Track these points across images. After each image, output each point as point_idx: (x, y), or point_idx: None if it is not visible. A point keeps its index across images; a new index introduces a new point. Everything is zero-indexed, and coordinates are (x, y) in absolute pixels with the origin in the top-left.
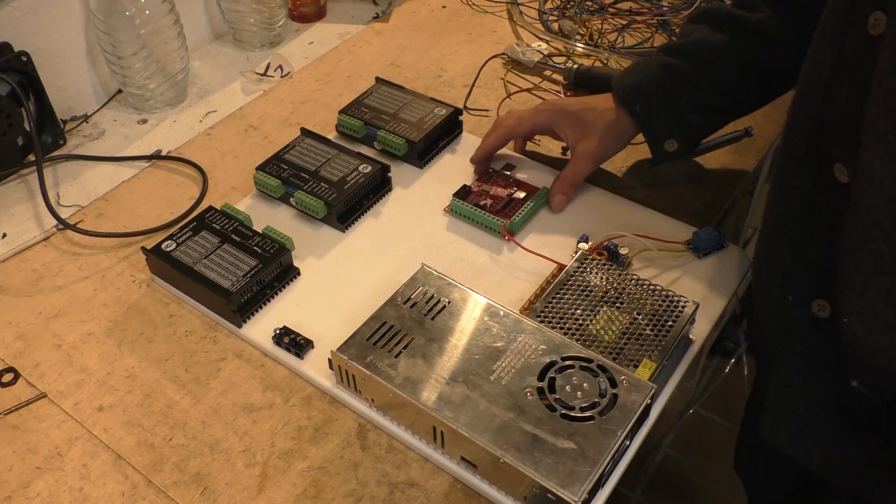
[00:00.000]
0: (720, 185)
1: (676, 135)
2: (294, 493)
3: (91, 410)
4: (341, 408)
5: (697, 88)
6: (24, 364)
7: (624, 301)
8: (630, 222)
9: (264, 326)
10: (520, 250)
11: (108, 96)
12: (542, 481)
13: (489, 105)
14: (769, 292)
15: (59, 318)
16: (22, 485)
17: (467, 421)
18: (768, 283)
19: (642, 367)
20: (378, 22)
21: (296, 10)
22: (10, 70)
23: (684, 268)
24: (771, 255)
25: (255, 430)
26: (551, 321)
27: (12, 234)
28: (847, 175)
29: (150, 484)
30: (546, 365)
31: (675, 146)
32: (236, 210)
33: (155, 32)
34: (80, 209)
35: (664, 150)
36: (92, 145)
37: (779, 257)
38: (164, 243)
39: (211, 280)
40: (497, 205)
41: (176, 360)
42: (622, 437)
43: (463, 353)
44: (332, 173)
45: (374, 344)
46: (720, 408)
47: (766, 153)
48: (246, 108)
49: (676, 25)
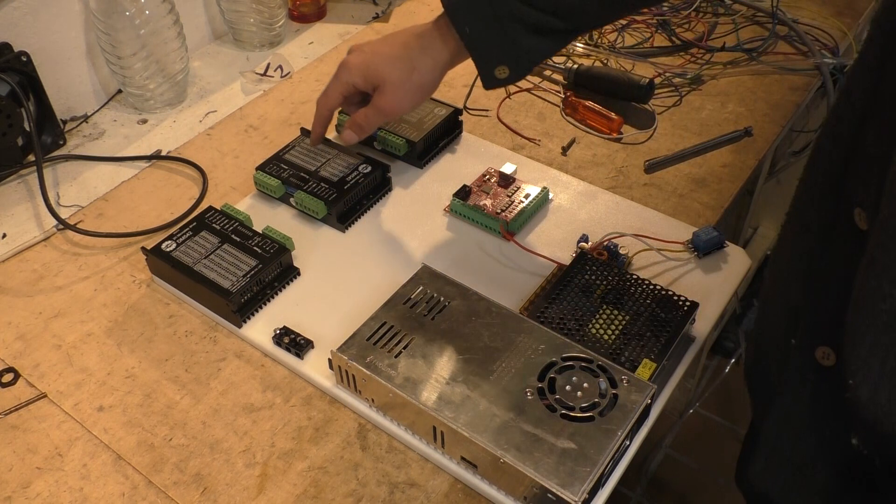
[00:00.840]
0: (720, 185)
1: (507, 60)
2: (294, 494)
3: (91, 411)
4: (341, 408)
5: (534, 8)
6: (24, 364)
7: (624, 301)
8: (630, 222)
9: (264, 326)
10: (520, 250)
11: (108, 96)
12: (543, 481)
13: (489, 105)
14: (773, 330)
15: (59, 318)
16: (22, 485)
17: (467, 421)
18: (773, 321)
19: (642, 367)
20: (378, 22)
21: (296, 10)
22: (10, 70)
23: (684, 268)
24: (779, 292)
25: (256, 431)
26: (551, 321)
27: (12, 235)
28: (867, 223)
29: (150, 484)
30: (546, 365)
31: (507, 73)
32: (236, 210)
33: (155, 32)
34: (80, 209)
35: (494, 76)
36: (92, 145)
37: (787, 295)
38: (164, 243)
39: (211, 280)
40: (497, 205)
41: (176, 361)
42: (622, 437)
43: (463, 353)
44: (332, 173)
45: (374, 344)
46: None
47: (766, 153)
48: (246, 108)
49: (676, 25)
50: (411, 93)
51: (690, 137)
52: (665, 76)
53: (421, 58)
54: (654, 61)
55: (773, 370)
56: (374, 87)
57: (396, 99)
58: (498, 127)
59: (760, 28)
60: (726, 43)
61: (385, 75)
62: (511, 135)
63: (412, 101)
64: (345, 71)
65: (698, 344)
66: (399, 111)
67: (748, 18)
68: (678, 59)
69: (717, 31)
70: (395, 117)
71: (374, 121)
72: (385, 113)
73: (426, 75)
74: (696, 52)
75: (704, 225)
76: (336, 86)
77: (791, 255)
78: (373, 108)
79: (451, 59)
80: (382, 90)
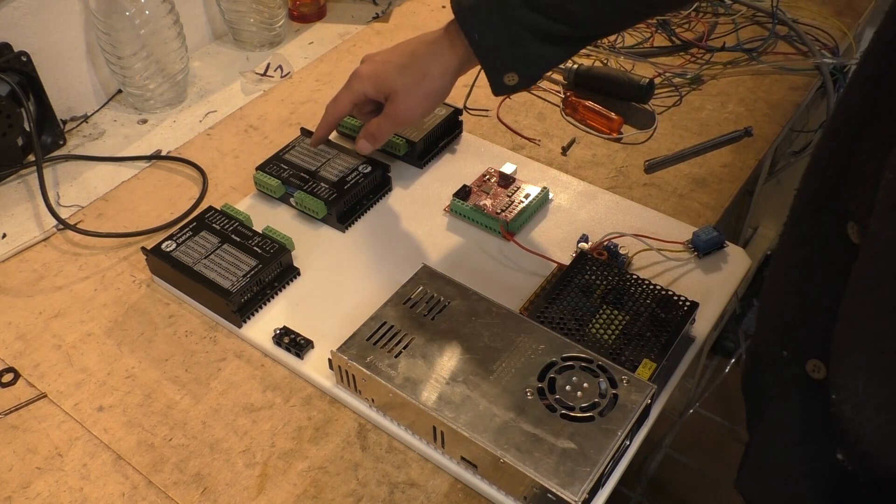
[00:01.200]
0: (720, 185)
1: (517, 67)
2: (294, 494)
3: (91, 411)
4: (341, 408)
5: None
6: (24, 364)
7: (624, 301)
8: (630, 222)
9: (264, 326)
10: (520, 250)
11: (108, 96)
12: (543, 481)
13: (489, 105)
14: (768, 340)
15: (59, 318)
16: (22, 485)
17: (467, 421)
18: (769, 331)
19: (642, 367)
20: (378, 22)
21: (296, 10)
22: (10, 70)
23: (684, 268)
24: (774, 302)
25: (256, 431)
26: (551, 321)
27: (12, 235)
28: (859, 237)
29: (150, 484)
30: (546, 365)
31: (516, 80)
32: (236, 210)
33: (155, 32)
34: (80, 209)
35: (503, 82)
36: (92, 145)
37: (781, 306)
38: (164, 243)
39: (211, 280)
40: (497, 205)
41: (176, 361)
42: (622, 437)
43: (463, 353)
44: (332, 173)
45: (374, 344)
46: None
47: (766, 153)
48: (246, 108)
49: (676, 25)
50: (422, 100)
51: (690, 137)
52: (665, 76)
53: (431, 65)
54: (654, 61)
55: (765, 380)
56: (386, 97)
57: (408, 107)
58: (498, 127)
59: (760, 28)
60: (726, 43)
61: (395, 84)
62: (511, 135)
63: (423, 108)
64: (356, 80)
65: (698, 344)
66: (411, 119)
67: (748, 18)
68: (678, 59)
69: (717, 31)
70: (407, 125)
71: (386, 130)
72: (397, 121)
73: (436, 82)
74: (696, 52)
75: (704, 225)
76: (347, 94)
77: (787, 266)
78: (385, 118)
79: (461, 66)
80: (394, 99)
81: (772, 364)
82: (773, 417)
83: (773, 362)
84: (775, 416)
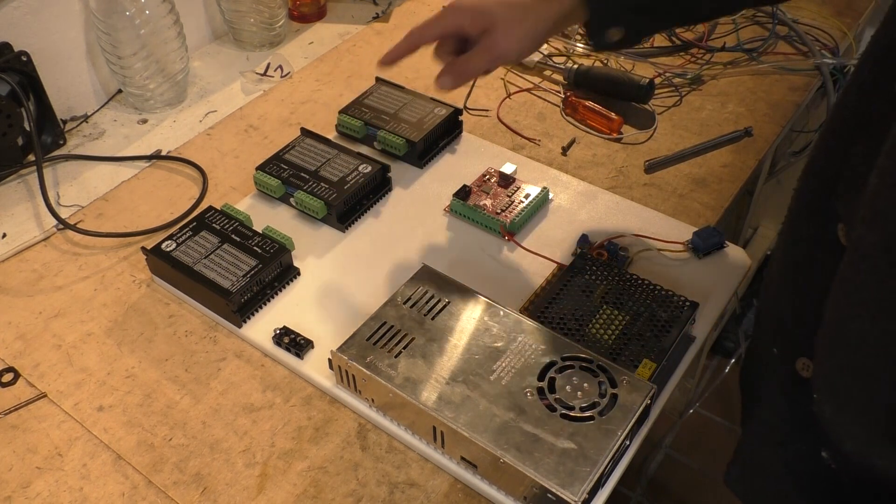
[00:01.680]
0: (720, 185)
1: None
2: (294, 494)
3: (91, 410)
4: (341, 408)
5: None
6: (24, 364)
7: (624, 301)
8: (630, 222)
9: (264, 326)
10: (520, 250)
11: (108, 96)
12: (543, 481)
13: (489, 105)
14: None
15: (59, 318)
16: (22, 485)
17: (467, 421)
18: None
19: (642, 367)
20: (378, 22)
21: (296, 10)
22: (10, 70)
23: (684, 268)
24: (770, 302)
25: (255, 430)
26: (551, 321)
27: (12, 234)
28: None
29: (150, 484)
30: (546, 365)
31: (619, 35)
32: (236, 210)
33: (155, 32)
34: (80, 209)
35: (605, 38)
36: (92, 145)
37: (777, 306)
38: (164, 243)
39: (211, 280)
40: (497, 205)
41: (176, 360)
42: (622, 437)
43: (463, 353)
44: (332, 173)
45: (374, 344)
46: (720, 408)
47: (766, 153)
48: (246, 108)
49: None
50: (523, 36)
51: (690, 137)
52: (665, 76)
53: (537, 5)
54: (654, 61)
55: (757, 377)
56: (484, 30)
57: (508, 42)
58: (498, 127)
59: (760, 28)
60: (726, 43)
61: (499, 16)
62: (511, 135)
63: (521, 46)
64: (454, 12)
65: (698, 344)
66: (508, 55)
67: (748, 18)
68: (678, 59)
69: (717, 31)
70: (502, 62)
71: (479, 64)
72: (493, 54)
73: (541, 23)
74: (696, 52)
75: (704, 225)
76: (439, 24)
77: (782, 266)
78: (479, 51)
79: (567, 14)
80: (492, 31)
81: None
82: (761, 415)
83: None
84: (764, 413)
